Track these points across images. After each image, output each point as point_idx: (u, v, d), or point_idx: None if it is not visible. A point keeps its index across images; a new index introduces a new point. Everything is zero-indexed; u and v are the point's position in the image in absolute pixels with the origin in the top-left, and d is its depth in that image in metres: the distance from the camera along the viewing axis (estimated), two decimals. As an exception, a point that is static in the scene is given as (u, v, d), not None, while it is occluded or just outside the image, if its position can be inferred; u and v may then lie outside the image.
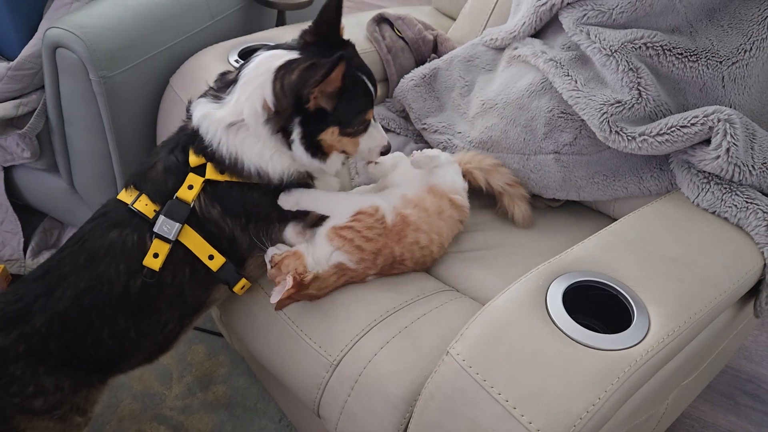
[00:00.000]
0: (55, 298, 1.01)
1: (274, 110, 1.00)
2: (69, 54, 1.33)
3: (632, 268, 0.96)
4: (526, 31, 1.33)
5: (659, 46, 1.12)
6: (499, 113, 1.31)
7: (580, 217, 1.33)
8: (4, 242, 1.76)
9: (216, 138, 1.03)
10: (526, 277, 0.95)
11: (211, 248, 1.06)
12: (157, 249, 1.03)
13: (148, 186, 1.06)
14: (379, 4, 3.43)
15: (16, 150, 1.56)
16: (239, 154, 1.03)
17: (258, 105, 1.01)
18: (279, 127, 1.02)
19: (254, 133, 1.02)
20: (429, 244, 1.13)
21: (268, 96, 1.00)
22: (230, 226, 1.07)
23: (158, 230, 1.02)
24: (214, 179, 1.05)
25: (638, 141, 1.10)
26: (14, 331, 1.00)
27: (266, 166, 1.04)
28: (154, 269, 1.03)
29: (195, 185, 1.04)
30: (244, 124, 1.02)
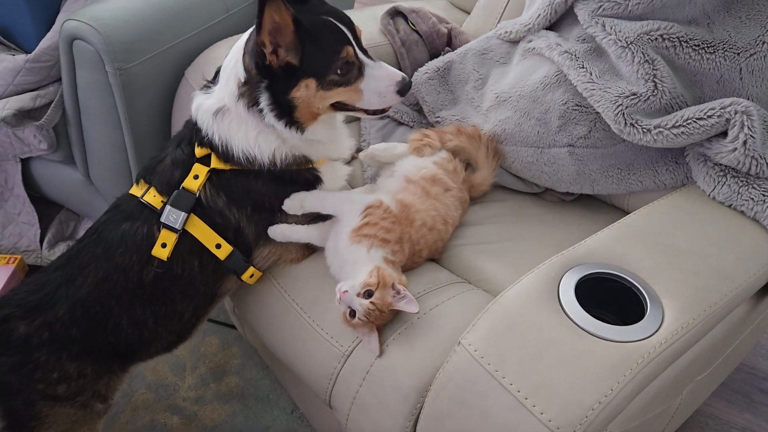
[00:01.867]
0: (77, 286, 1.03)
1: (244, 81, 1.01)
2: (86, 46, 1.34)
3: (646, 260, 0.95)
4: (541, 24, 1.32)
5: (676, 38, 1.11)
6: (513, 106, 1.30)
7: (594, 210, 1.32)
8: (21, 233, 1.78)
9: (209, 127, 1.05)
10: (539, 269, 0.94)
11: (218, 237, 1.07)
12: (165, 239, 1.04)
13: (157, 178, 1.08)
14: (393, 0, 3.42)
15: (33, 142, 1.58)
16: (228, 139, 1.05)
17: (233, 84, 1.02)
18: (251, 100, 1.01)
19: (236, 115, 1.04)
20: (434, 224, 1.13)
21: (240, 72, 1.01)
22: (236, 216, 1.07)
23: (165, 220, 1.04)
24: (219, 168, 1.06)
25: (654, 133, 1.09)
26: (38, 319, 1.01)
27: (253, 149, 1.05)
28: (163, 259, 1.04)
29: (200, 175, 1.05)
30: (227, 108, 1.04)
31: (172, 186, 1.06)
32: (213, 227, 1.06)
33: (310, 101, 1.01)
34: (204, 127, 1.06)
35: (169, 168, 1.08)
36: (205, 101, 1.07)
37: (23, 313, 1.01)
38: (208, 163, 1.06)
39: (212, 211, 1.06)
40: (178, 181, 1.06)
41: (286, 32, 0.94)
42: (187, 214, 1.04)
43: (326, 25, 0.99)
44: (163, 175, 1.08)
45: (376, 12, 1.64)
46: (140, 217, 1.05)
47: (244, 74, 1.01)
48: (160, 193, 1.06)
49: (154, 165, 1.10)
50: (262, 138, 1.05)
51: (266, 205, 1.09)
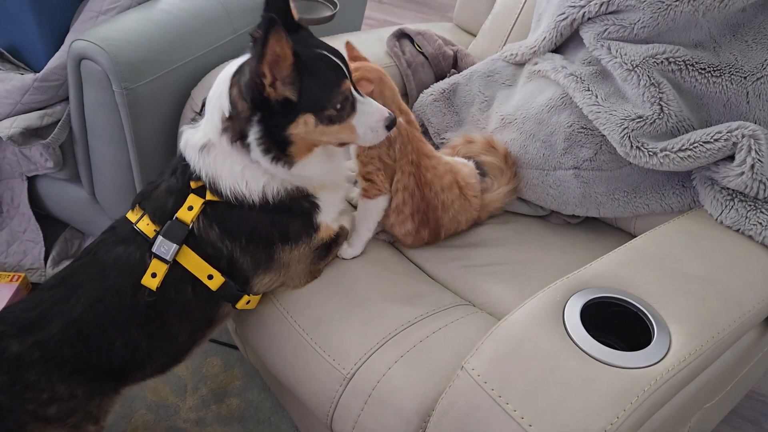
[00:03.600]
0: (71, 305, 1.02)
1: (228, 116, 0.98)
2: (93, 66, 1.35)
3: (653, 285, 0.94)
4: (547, 47, 1.32)
5: (682, 61, 1.11)
6: (519, 128, 1.30)
7: (599, 233, 1.31)
8: (26, 251, 1.78)
9: (195, 162, 1.03)
10: (544, 293, 0.93)
11: (210, 268, 1.04)
12: (156, 269, 1.02)
13: (151, 205, 1.06)
14: (399, 23, 3.45)
15: (39, 160, 1.58)
16: (215, 176, 1.02)
17: (217, 118, 0.99)
18: (236, 134, 0.98)
19: (221, 149, 1.01)
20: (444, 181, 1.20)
21: (224, 105, 0.98)
22: (229, 248, 1.05)
23: (156, 250, 1.02)
24: (213, 200, 1.04)
25: (660, 157, 1.09)
26: (30, 338, 1.00)
27: (241, 186, 1.01)
28: (152, 288, 1.02)
29: (195, 206, 1.03)
30: (212, 143, 1.01)
31: (165, 215, 1.05)
32: (205, 258, 1.04)
33: (308, 137, 0.99)
34: (192, 163, 1.03)
35: (164, 196, 1.06)
36: (191, 136, 1.05)
37: (17, 331, 1.00)
38: (204, 194, 1.04)
39: (204, 242, 1.04)
40: (171, 211, 1.04)
41: (284, 65, 0.91)
42: (179, 246, 1.02)
43: (323, 58, 0.97)
44: (156, 203, 1.06)
45: (382, 34, 1.64)
46: (134, 242, 1.04)
47: (229, 107, 0.98)
48: (153, 221, 1.05)
49: (150, 191, 1.09)
50: (249, 173, 1.02)
51: (262, 236, 1.07)
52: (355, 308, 1.09)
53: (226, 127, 0.99)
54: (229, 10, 1.55)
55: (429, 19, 3.52)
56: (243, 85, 0.95)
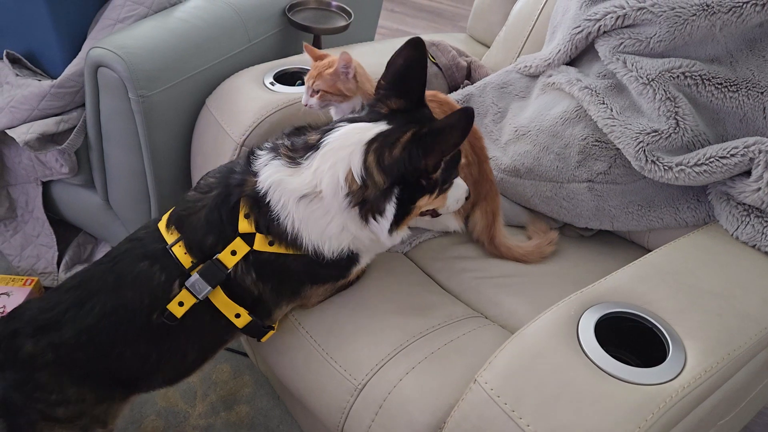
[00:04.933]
0: (85, 312, 1.01)
1: (361, 184, 0.93)
2: (110, 73, 1.36)
3: (668, 301, 0.93)
4: (561, 59, 1.32)
5: (698, 76, 1.11)
6: (532, 140, 1.30)
7: (613, 247, 1.31)
8: (39, 255, 1.79)
9: (285, 210, 0.96)
10: (558, 307, 0.93)
11: (238, 307, 1.03)
12: (184, 299, 1.00)
13: (188, 234, 1.01)
14: (412, 32, 3.47)
15: (55, 165, 1.59)
16: (302, 228, 0.97)
17: (341, 177, 0.93)
18: (360, 201, 0.94)
19: (326, 206, 0.96)
20: None
21: (356, 168, 0.92)
22: (260, 289, 1.03)
23: (190, 287, 0.99)
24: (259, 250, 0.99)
25: (675, 171, 1.08)
26: (44, 339, 1.01)
27: (324, 244, 0.98)
28: (176, 316, 1.01)
29: (239, 252, 0.98)
30: (318, 196, 0.95)
31: (203, 251, 1.00)
32: (233, 297, 1.02)
33: (418, 210, 1.01)
34: (278, 208, 0.96)
35: (203, 228, 1.01)
36: (288, 178, 0.96)
37: (32, 331, 1.01)
38: (250, 241, 0.98)
39: (237, 285, 1.01)
40: (210, 248, 1.00)
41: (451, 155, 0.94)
42: (214, 288, 0.99)
43: None
44: (195, 234, 1.01)
45: (396, 44, 1.64)
46: (160, 262, 1.01)
47: (362, 174, 0.92)
48: (189, 251, 1.00)
49: (188, 214, 1.02)
50: (343, 235, 0.98)
51: (295, 280, 1.05)
52: (367, 319, 1.09)
53: (353, 193, 0.94)
54: (245, 19, 1.56)
55: (441, 28, 3.53)
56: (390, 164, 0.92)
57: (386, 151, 0.93)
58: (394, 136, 0.93)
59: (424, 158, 0.91)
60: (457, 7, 3.69)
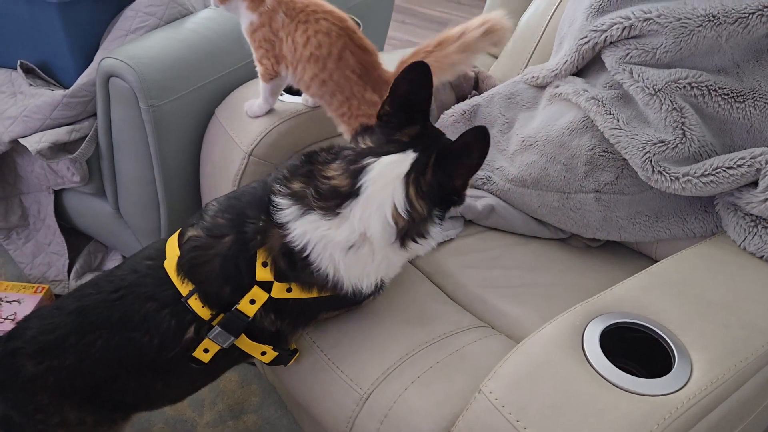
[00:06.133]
0: (87, 343, 0.99)
1: (407, 218, 0.94)
2: (121, 83, 1.38)
3: (674, 311, 0.93)
4: (568, 70, 1.32)
5: (704, 86, 1.11)
6: (539, 151, 1.30)
7: (620, 257, 1.30)
8: (50, 263, 1.81)
9: (329, 261, 0.95)
10: (563, 317, 0.93)
11: (263, 346, 1.02)
12: (208, 346, 0.99)
13: (203, 286, 0.98)
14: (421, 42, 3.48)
15: (66, 174, 1.61)
16: (345, 273, 0.96)
17: (389, 217, 0.93)
18: (405, 233, 0.95)
19: (374, 248, 0.95)
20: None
21: (400, 204, 0.93)
22: (278, 326, 1.03)
23: (213, 338, 0.98)
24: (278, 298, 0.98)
25: (682, 182, 1.08)
26: (45, 362, 1.00)
27: (363, 281, 0.98)
28: (204, 361, 1.00)
29: (258, 301, 0.97)
30: (366, 241, 0.94)
31: (222, 302, 0.98)
32: (252, 338, 1.01)
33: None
34: (322, 260, 0.94)
35: (219, 279, 0.98)
36: (333, 234, 0.93)
37: (33, 352, 1.00)
38: (268, 288, 0.97)
39: (257, 327, 1.01)
40: (229, 299, 0.98)
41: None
42: (237, 337, 0.99)
43: None
44: (210, 286, 0.98)
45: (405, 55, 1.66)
46: (170, 307, 0.98)
47: (406, 208, 0.93)
48: (206, 303, 0.97)
49: (200, 263, 0.98)
50: (382, 266, 0.98)
51: (313, 311, 1.06)
52: (374, 328, 1.09)
53: (401, 228, 0.94)
54: (255, 30, 1.58)
55: (451, 39, 3.54)
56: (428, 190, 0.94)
57: (421, 180, 0.94)
58: (423, 163, 0.94)
59: (452, 180, 0.94)
60: (468, 18, 3.71)
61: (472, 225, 1.37)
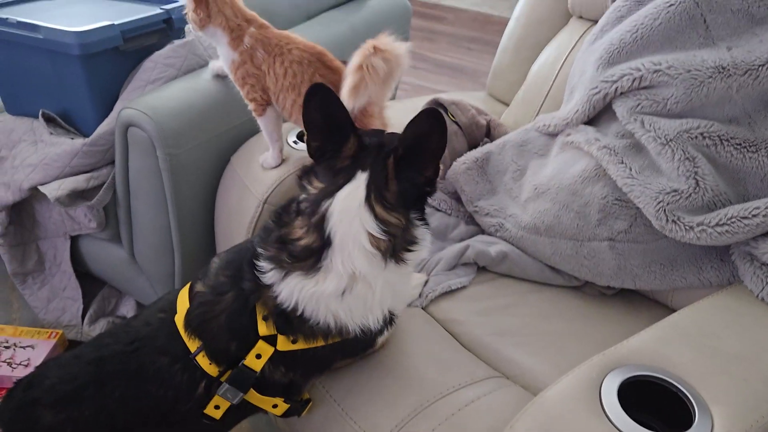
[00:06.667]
0: (105, 393, 1.00)
1: (386, 238, 0.91)
2: (140, 133, 1.41)
3: (693, 364, 0.91)
4: (580, 119, 1.34)
5: (716, 136, 1.11)
6: (552, 198, 1.30)
7: (636, 306, 1.29)
8: (65, 308, 1.82)
9: (328, 312, 0.93)
10: (580, 369, 0.91)
11: (274, 399, 1.02)
12: (219, 403, 1.00)
13: (210, 342, 0.98)
14: (434, 88, 3.54)
15: (83, 220, 1.64)
16: (347, 318, 0.94)
17: (368, 247, 0.90)
18: (392, 251, 0.93)
19: (368, 281, 0.93)
20: None
21: (373, 229, 0.90)
22: (290, 377, 1.02)
23: (222, 395, 0.98)
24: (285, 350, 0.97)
25: (696, 231, 1.08)
26: (63, 412, 1.00)
27: (369, 318, 0.96)
28: (215, 418, 1.01)
29: (263, 356, 0.97)
30: (357, 279, 0.92)
31: (228, 358, 0.98)
32: (263, 391, 1.01)
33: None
34: (318, 314, 0.93)
35: (225, 335, 0.98)
36: (320, 288, 0.92)
37: (51, 401, 1.00)
38: (273, 342, 0.96)
39: (267, 381, 1.00)
40: (235, 355, 0.98)
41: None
42: (245, 393, 0.98)
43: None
44: (217, 342, 0.98)
45: (417, 104, 1.69)
46: (181, 362, 0.99)
47: (379, 229, 0.90)
48: (213, 360, 0.98)
49: (206, 320, 0.99)
50: (385, 295, 0.95)
51: (326, 360, 1.05)
52: (387, 377, 1.08)
53: (384, 250, 0.91)
54: (270, 80, 1.62)
55: (463, 84, 3.60)
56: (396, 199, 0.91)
57: (385, 193, 0.91)
58: (380, 176, 0.90)
59: (422, 172, 0.91)
60: (478, 63, 3.77)
61: (485, 272, 1.37)
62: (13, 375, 1.62)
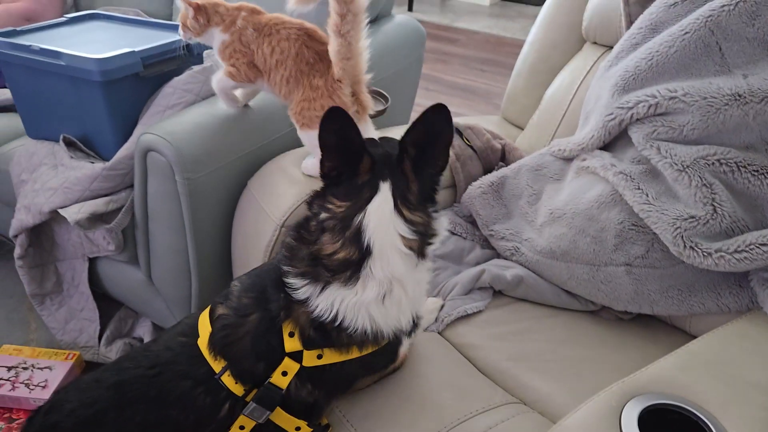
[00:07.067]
0: (125, 418, 1.00)
1: (417, 237, 0.96)
2: (159, 157, 1.43)
3: (713, 393, 0.91)
4: (595, 144, 1.34)
5: (733, 163, 1.11)
6: (568, 223, 1.31)
7: (653, 330, 1.29)
8: (82, 329, 1.83)
9: (367, 318, 0.96)
10: (599, 397, 0.91)
11: (298, 421, 1.02)
12: (244, 423, 1.00)
13: (235, 364, 0.99)
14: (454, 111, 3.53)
15: (102, 243, 1.66)
16: (383, 322, 0.97)
17: (404, 249, 0.95)
18: (428, 240, 0.98)
19: (404, 283, 0.97)
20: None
21: (405, 232, 0.95)
22: (315, 396, 1.03)
23: (249, 415, 0.98)
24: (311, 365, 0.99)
25: (714, 257, 1.08)
26: None
27: (402, 322, 1.00)
28: None
29: (290, 373, 0.98)
30: (395, 282, 0.96)
31: (254, 377, 0.99)
32: (288, 411, 1.01)
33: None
34: (355, 322, 0.95)
35: (250, 356, 0.99)
36: (362, 297, 0.95)
37: (71, 425, 1.00)
38: (299, 358, 0.98)
39: (293, 400, 1.01)
40: (262, 374, 0.99)
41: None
42: (272, 411, 0.99)
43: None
44: (243, 363, 0.99)
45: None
46: (204, 385, 0.99)
47: (411, 230, 0.95)
48: (239, 379, 0.99)
49: (230, 342, 1.00)
50: (417, 294, 1.01)
51: (350, 378, 1.06)
52: (404, 402, 1.08)
53: (417, 249, 0.96)
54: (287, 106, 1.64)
55: (475, 105, 3.62)
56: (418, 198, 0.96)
57: (409, 196, 0.96)
58: (401, 181, 0.95)
59: (437, 163, 0.96)
60: (491, 84, 3.80)
61: (501, 296, 1.37)
62: (30, 396, 1.64)
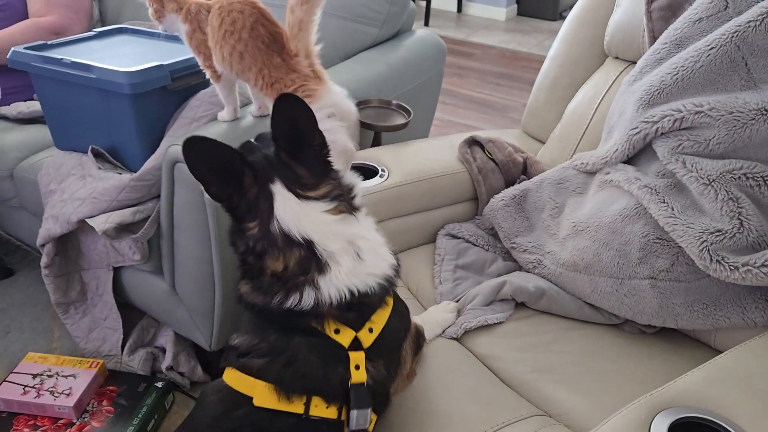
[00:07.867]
0: None
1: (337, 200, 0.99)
2: (186, 168, 1.45)
3: (742, 407, 0.91)
4: (619, 158, 1.35)
5: (760, 177, 1.12)
6: (591, 236, 1.31)
7: (677, 344, 1.28)
8: (105, 338, 1.85)
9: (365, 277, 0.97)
10: (628, 410, 0.91)
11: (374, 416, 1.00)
12: None
13: (316, 390, 0.95)
14: (464, 123, 3.57)
15: (127, 252, 1.68)
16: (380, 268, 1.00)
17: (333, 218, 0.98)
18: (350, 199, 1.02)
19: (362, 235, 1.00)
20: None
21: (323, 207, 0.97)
22: (383, 372, 1.00)
23: (355, 427, 0.95)
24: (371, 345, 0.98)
25: (741, 272, 1.08)
26: None
27: (388, 258, 1.04)
28: None
29: (360, 363, 0.96)
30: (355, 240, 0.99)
31: (336, 391, 0.96)
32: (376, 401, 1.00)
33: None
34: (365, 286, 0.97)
35: (322, 370, 0.96)
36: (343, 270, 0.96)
37: None
38: (358, 345, 0.97)
39: (377, 390, 1.00)
40: (341, 381, 0.95)
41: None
42: (371, 408, 0.96)
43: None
44: (323, 385, 0.95)
45: (453, 141, 1.71)
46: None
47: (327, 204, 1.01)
48: (330, 403, 0.95)
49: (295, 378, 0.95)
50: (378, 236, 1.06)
51: (397, 342, 1.06)
52: (430, 416, 1.09)
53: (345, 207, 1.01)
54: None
55: (492, 119, 3.63)
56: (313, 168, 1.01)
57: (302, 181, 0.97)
58: (287, 174, 0.96)
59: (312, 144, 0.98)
60: (507, 98, 3.81)
61: (523, 308, 1.37)
62: (55, 404, 1.65)
